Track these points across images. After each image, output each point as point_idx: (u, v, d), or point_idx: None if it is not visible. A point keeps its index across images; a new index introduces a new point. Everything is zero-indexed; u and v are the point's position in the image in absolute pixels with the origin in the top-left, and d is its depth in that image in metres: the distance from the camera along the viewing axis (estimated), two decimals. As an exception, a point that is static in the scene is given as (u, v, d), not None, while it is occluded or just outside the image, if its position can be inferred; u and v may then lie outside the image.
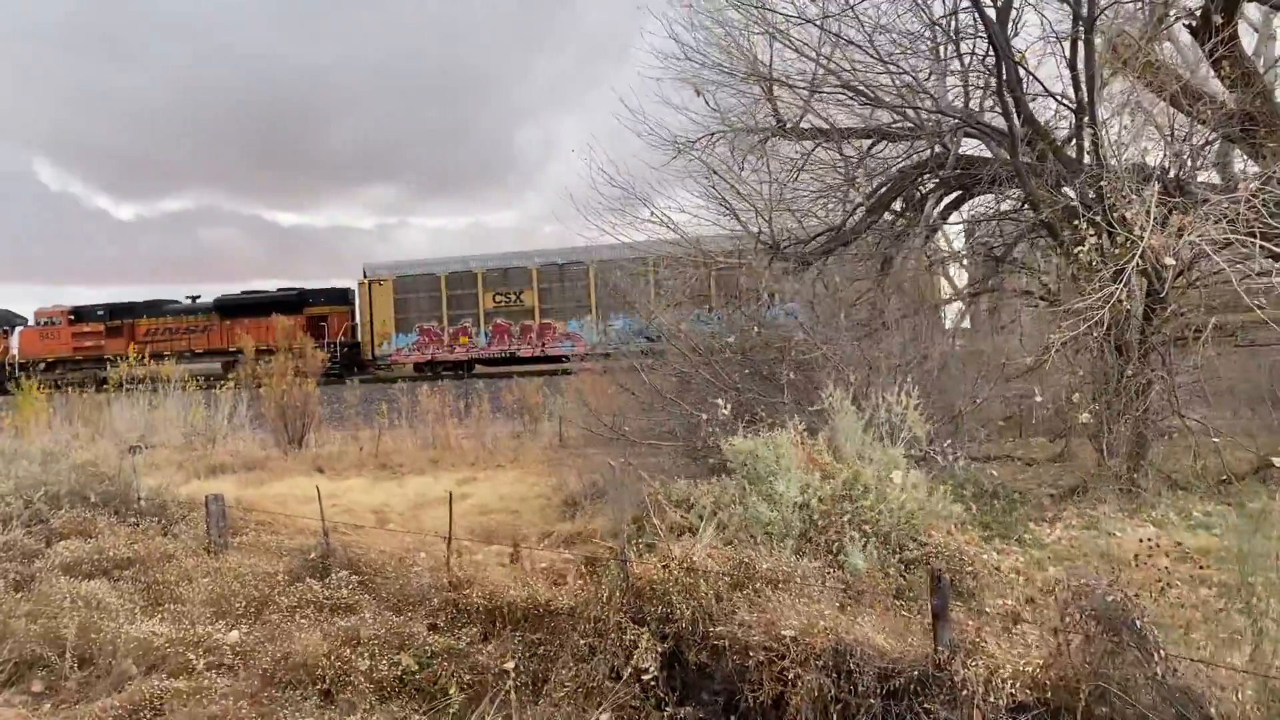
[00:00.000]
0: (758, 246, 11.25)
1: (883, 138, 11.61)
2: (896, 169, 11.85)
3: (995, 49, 9.64)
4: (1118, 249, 8.22)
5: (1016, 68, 9.83)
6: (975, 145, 11.20)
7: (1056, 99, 10.16)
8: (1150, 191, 8.07)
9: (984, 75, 10.62)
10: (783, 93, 11.53)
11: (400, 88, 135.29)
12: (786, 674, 3.29)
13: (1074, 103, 9.90)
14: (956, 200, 12.11)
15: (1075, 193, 9.11)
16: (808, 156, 12.16)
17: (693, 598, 3.62)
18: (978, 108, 10.82)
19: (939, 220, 11.82)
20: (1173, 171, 9.09)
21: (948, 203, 12.12)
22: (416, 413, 16.50)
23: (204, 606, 5.44)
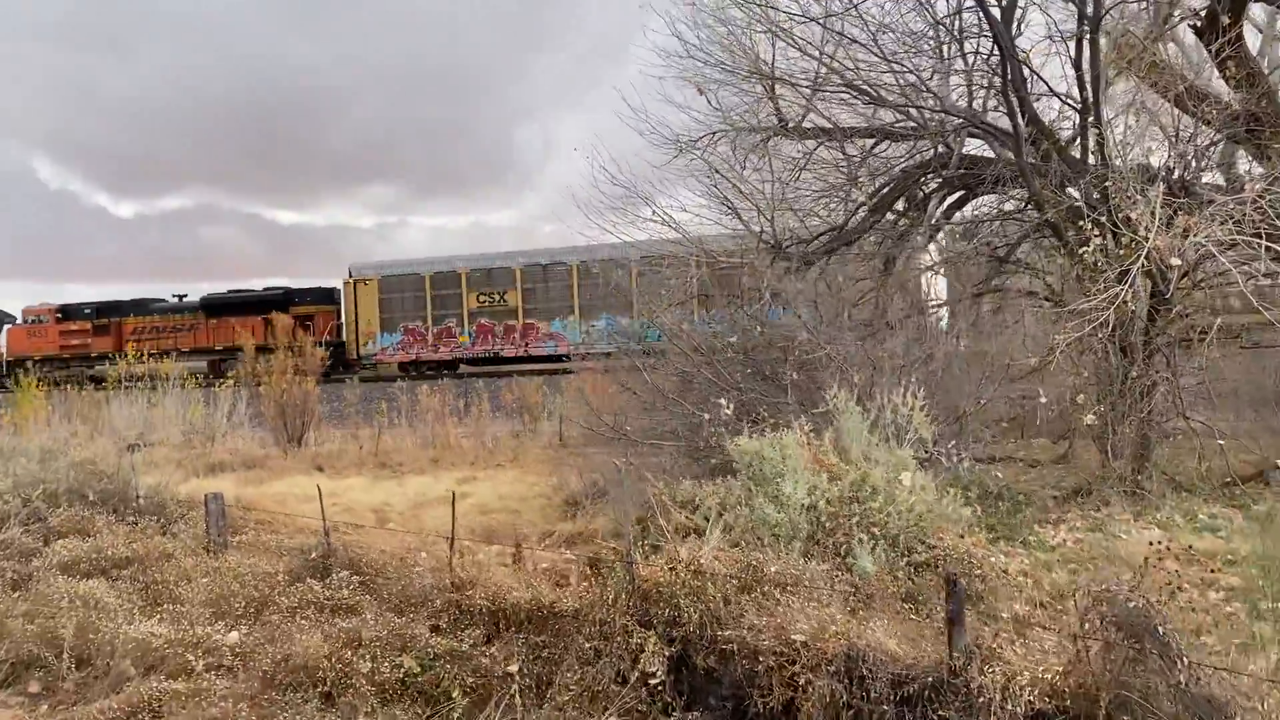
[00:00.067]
0: (760, 246, 11.20)
1: (885, 137, 11.57)
2: (899, 169, 11.81)
3: (1000, 48, 9.60)
4: (1122, 250, 8.18)
5: (1021, 67, 9.78)
6: (978, 145, 11.17)
7: (1061, 99, 10.11)
8: (1155, 192, 8.03)
9: (988, 75, 10.58)
10: (785, 91, 11.48)
11: (400, 86, 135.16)
12: (797, 679, 3.24)
13: (1078, 102, 9.86)
14: (959, 200, 12.08)
15: (1080, 193, 9.07)
16: (810, 156, 12.12)
17: (700, 601, 3.57)
18: (981, 107, 10.78)
19: (942, 220, 11.78)
20: (1177, 172, 9.05)
21: (950, 202, 12.09)
22: (416, 411, 16.44)
23: (203, 607, 5.39)
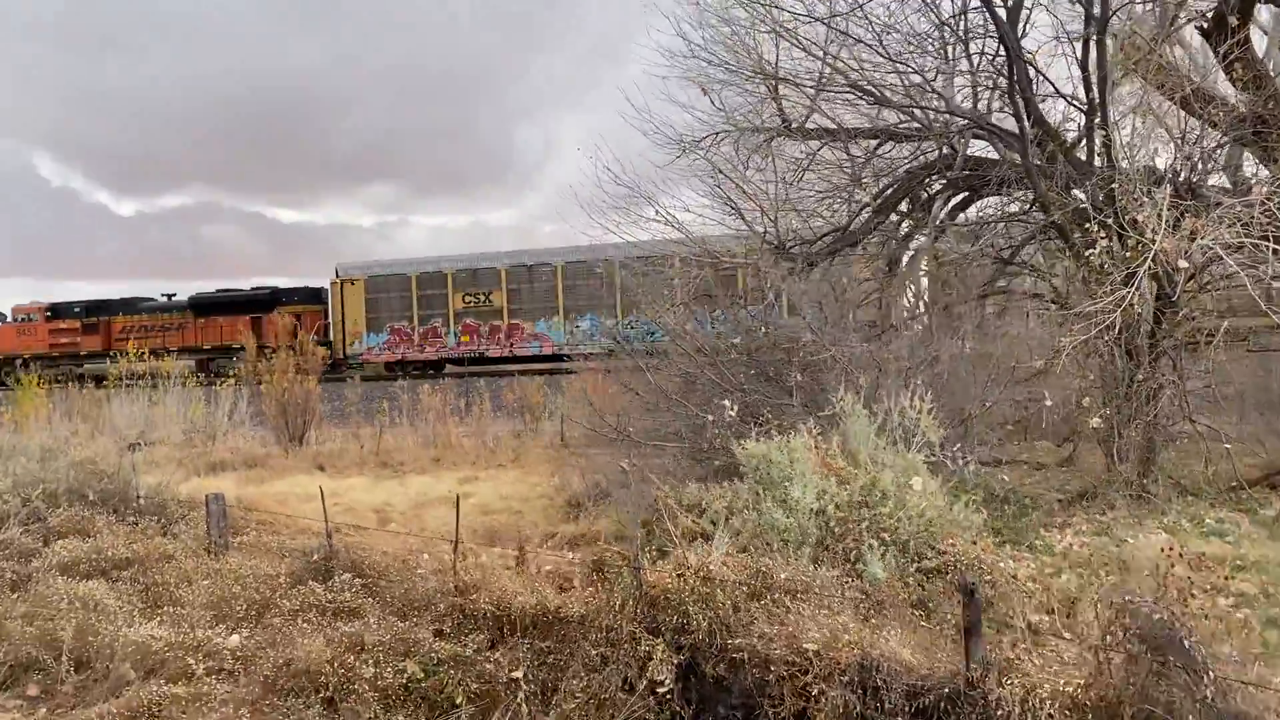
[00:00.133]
0: (763, 246, 11.16)
1: (890, 138, 11.53)
2: (903, 170, 11.77)
3: (1006, 49, 9.55)
4: (1129, 252, 8.14)
5: (1027, 68, 9.74)
6: (982, 146, 11.12)
7: (1068, 100, 10.08)
8: (1162, 194, 7.99)
9: (993, 76, 10.54)
10: (789, 92, 11.45)
11: (400, 86, 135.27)
12: (810, 689, 3.19)
13: (1084, 104, 9.81)
14: (964, 201, 12.03)
15: (1086, 195, 9.02)
16: (813, 156, 12.09)
17: (709, 608, 3.51)
18: (985, 109, 10.74)
19: (946, 221, 11.74)
20: (1184, 175, 9.01)
21: (955, 204, 12.04)
22: (417, 410, 16.40)
23: (204, 609, 5.33)
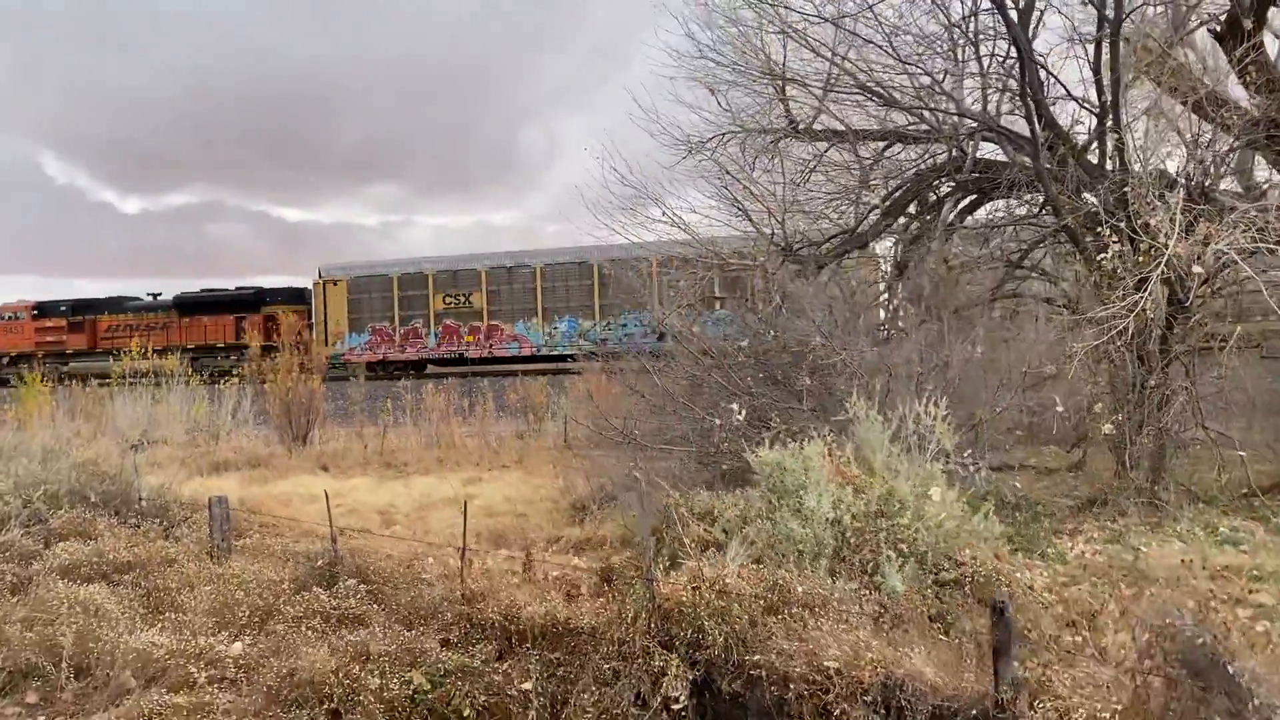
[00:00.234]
0: (770, 248, 11.08)
1: (898, 140, 11.44)
2: (912, 172, 11.69)
3: (1018, 50, 9.48)
4: (1141, 257, 8.05)
5: (1039, 70, 9.66)
6: (991, 149, 11.03)
7: (1079, 102, 10.00)
8: (1175, 198, 7.91)
9: (1002, 78, 10.45)
10: (796, 93, 11.38)
11: (405, 85, 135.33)
12: (831, 709, 3.10)
13: (1096, 107, 9.73)
14: (972, 204, 11.95)
15: (1098, 199, 8.94)
16: (821, 158, 12.01)
17: (725, 622, 3.43)
18: (995, 111, 10.65)
19: (956, 223, 11.66)
20: (1197, 178, 8.92)
21: (963, 206, 11.96)
22: (421, 410, 16.34)
23: (206, 616, 5.25)
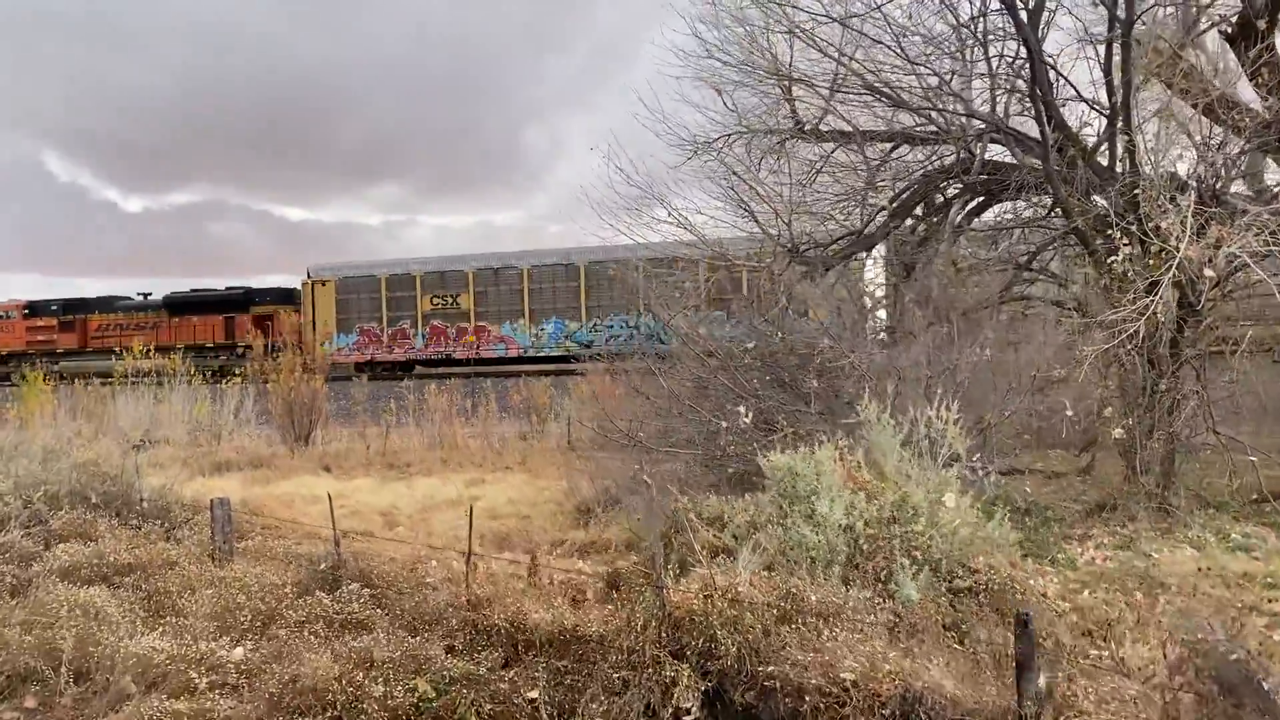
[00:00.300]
0: (777, 250, 11.00)
1: (905, 141, 11.36)
2: (919, 173, 11.60)
3: (1028, 51, 9.39)
4: (1151, 259, 7.98)
5: (1049, 71, 9.57)
6: (999, 151, 10.95)
7: (1089, 104, 9.90)
8: (1187, 201, 7.82)
9: (1011, 79, 10.37)
10: (803, 93, 11.30)
11: (408, 86, 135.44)
12: (847, 723, 3.03)
13: (1106, 108, 9.64)
14: (980, 206, 11.87)
15: (1108, 201, 8.85)
16: (827, 159, 11.94)
17: (737, 631, 3.36)
18: (1004, 112, 10.56)
19: (963, 226, 11.57)
20: (1208, 181, 8.84)
21: (971, 208, 11.88)
22: (423, 411, 16.28)
23: (207, 620, 5.18)
